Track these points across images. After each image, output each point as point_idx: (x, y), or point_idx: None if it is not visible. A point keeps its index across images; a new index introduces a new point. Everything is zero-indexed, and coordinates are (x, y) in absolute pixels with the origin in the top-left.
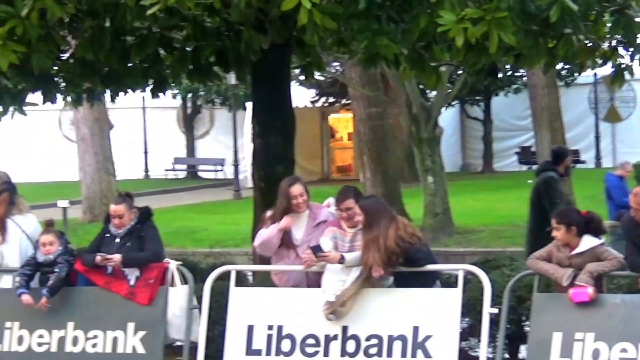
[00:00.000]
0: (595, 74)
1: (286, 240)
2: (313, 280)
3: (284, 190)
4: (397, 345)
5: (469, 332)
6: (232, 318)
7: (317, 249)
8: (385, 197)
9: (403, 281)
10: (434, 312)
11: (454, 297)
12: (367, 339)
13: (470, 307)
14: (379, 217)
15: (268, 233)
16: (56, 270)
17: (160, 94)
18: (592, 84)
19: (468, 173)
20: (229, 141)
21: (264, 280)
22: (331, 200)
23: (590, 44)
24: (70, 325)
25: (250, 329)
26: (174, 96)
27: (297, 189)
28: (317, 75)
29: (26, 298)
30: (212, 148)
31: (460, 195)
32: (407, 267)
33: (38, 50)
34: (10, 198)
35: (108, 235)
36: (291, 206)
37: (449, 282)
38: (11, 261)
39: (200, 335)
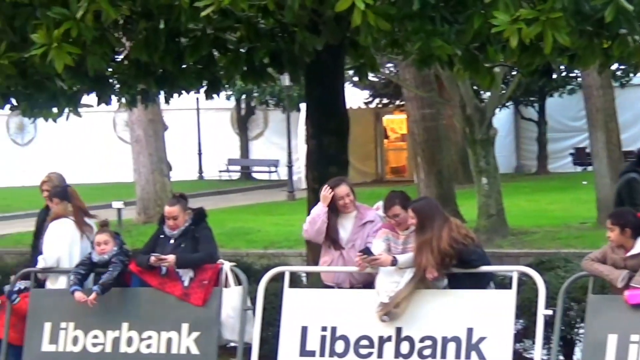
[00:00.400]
0: None
1: (332, 236)
2: (357, 279)
3: None
4: (451, 347)
5: (524, 334)
6: (286, 319)
7: (366, 252)
8: (439, 198)
9: (457, 282)
10: (488, 313)
11: (508, 298)
12: (421, 340)
13: (525, 309)
14: (431, 219)
15: (314, 212)
16: (110, 269)
17: (214, 95)
18: None
19: (522, 174)
20: (282, 142)
21: (317, 281)
22: (381, 203)
23: None
24: (125, 325)
25: (304, 330)
26: (228, 97)
27: (343, 189)
28: (371, 77)
29: (79, 295)
30: (266, 149)
31: (515, 197)
32: (461, 269)
33: (93, 52)
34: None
35: (162, 236)
36: (338, 207)
37: (503, 283)
38: (66, 262)
39: (254, 336)
